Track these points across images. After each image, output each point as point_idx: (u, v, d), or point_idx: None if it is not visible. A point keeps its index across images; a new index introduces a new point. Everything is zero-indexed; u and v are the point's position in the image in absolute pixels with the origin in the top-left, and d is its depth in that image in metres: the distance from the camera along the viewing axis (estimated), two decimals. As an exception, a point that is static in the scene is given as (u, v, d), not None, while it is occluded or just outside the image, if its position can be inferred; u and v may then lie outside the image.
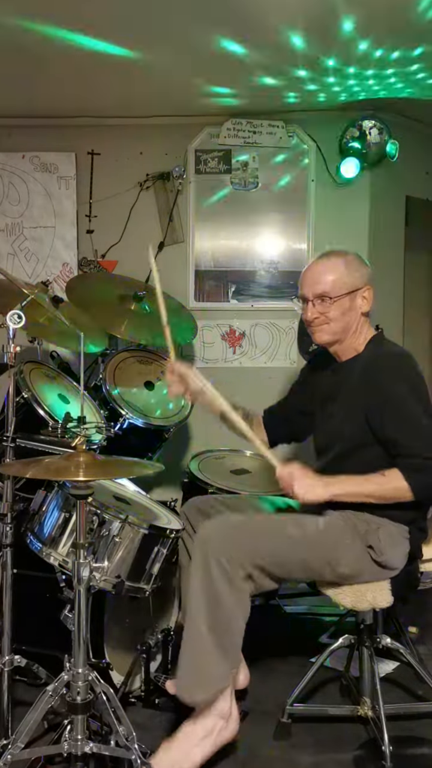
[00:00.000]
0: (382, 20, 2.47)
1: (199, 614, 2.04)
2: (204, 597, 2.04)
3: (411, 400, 2.13)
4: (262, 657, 2.65)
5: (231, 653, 2.07)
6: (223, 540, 2.07)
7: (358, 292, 2.27)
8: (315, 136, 3.57)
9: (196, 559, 2.08)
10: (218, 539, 2.07)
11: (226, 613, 2.05)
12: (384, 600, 2.19)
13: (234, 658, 2.10)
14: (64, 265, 3.68)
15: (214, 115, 3.52)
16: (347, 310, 2.27)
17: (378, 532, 2.17)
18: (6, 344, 2.17)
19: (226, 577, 2.04)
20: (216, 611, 2.04)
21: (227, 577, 2.04)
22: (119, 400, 2.97)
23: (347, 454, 2.25)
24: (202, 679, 2.04)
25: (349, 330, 2.29)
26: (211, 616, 2.04)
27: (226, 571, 2.04)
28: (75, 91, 3.23)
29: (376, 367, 2.21)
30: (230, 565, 2.04)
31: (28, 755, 1.97)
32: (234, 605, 2.05)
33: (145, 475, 1.99)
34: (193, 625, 2.06)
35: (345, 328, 2.29)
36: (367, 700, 2.32)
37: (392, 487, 2.10)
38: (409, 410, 2.12)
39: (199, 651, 2.04)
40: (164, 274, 3.55)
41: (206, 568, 2.05)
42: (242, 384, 3.55)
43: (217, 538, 2.08)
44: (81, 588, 1.87)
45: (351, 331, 2.30)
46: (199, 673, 2.05)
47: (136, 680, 2.45)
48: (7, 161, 3.65)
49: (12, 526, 2.17)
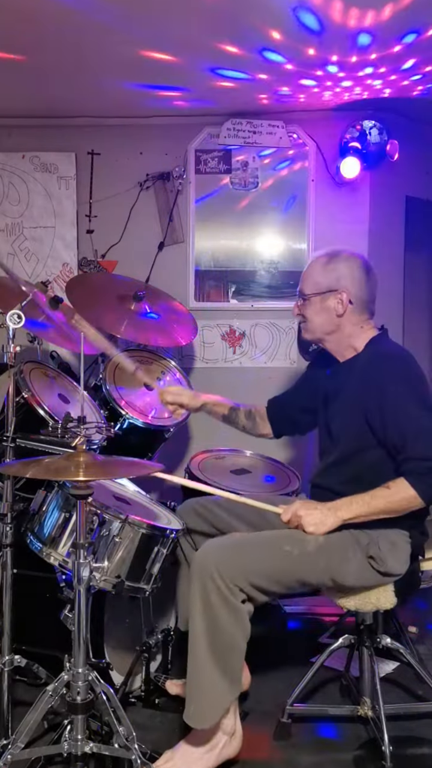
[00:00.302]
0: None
1: (201, 639, 2.05)
2: (203, 622, 2.04)
3: (411, 402, 2.10)
4: (262, 657, 2.64)
5: (233, 675, 2.07)
6: (219, 564, 2.05)
7: (331, 294, 2.25)
8: (315, 136, 3.56)
9: (194, 584, 2.08)
10: (215, 564, 2.05)
11: (226, 637, 2.05)
12: (388, 602, 2.19)
13: (236, 679, 2.09)
14: (64, 265, 3.68)
15: (214, 115, 3.52)
16: (319, 311, 2.28)
17: (378, 542, 2.15)
18: (6, 344, 2.17)
19: (224, 602, 2.03)
20: (216, 635, 2.04)
21: (225, 602, 2.04)
22: (119, 400, 2.97)
23: (349, 455, 2.24)
24: (209, 705, 2.05)
25: (328, 331, 2.29)
26: (211, 640, 2.04)
27: (224, 597, 2.03)
28: (75, 91, 3.23)
29: (375, 367, 2.19)
30: (228, 590, 2.03)
31: (28, 755, 1.97)
32: (234, 629, 2.05)
33: (145, 475, 1.99)
34: (195, 651, 2.06)
35: (322, 328, 2.29)
36: (367, 700, 2.32)
37: (400, 498, 2.07)
38: (410, 412, 2.09)
39: (203, 678, 2.05)
40: (164, 274, 3.60)
41: (204, 593, 2.04)
42: (242, 384, 3.55)
43: (214, 563, 2.06)
44: (81, 588, 1.87)
45: (333, 332, 2.29)
46: (205, 701, 2.05)
47: (136, 680, 2.45)
48: (7, 161, 3.65)
49: (12, 526, 2.17)
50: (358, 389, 2.20)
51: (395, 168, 3.57)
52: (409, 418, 2.09)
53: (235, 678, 2.08)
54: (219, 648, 2.04)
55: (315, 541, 2.13)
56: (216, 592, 2.03)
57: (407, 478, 2.06)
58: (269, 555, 2.13)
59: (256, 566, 2.09)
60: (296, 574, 2.13)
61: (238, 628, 2.06)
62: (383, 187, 3.65)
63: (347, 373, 2.28)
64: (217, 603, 2.03)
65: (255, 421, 2.61)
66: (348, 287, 2.25)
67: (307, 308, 2.30)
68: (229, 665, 2.05)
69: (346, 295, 2.25)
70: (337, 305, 2.26)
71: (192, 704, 2.06)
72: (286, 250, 3.66)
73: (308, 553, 2.11)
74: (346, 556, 2.13)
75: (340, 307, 2.25)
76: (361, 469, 2.20)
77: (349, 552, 2.14)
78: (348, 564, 2.13)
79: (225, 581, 2.03)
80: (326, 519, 2.12)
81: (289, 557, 2.11)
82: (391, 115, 3.53)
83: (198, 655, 2.05)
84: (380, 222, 3.67)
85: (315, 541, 2.13)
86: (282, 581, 2.13)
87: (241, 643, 2.08)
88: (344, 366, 2.32)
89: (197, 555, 2.14)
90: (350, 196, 3.58)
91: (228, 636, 2.05)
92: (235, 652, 2.07)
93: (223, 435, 3.16)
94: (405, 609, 3.10)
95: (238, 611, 2.06)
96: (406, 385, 2.13)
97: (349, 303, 2.25)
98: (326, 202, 3.59)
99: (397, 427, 2.10)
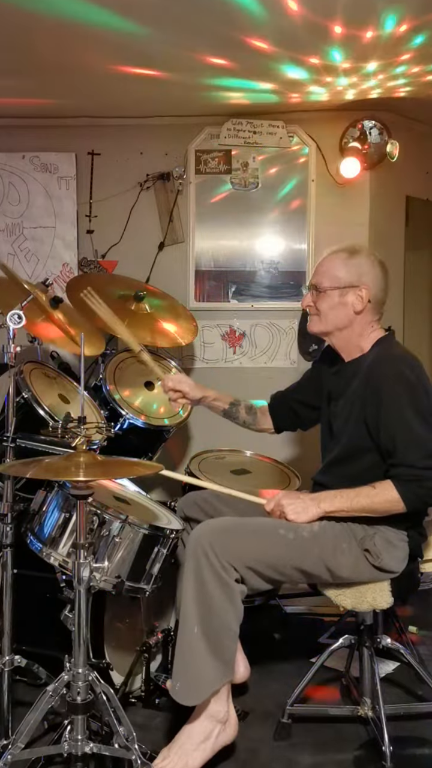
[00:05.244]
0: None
1: (192, 617, 2.04)
2: (195, 599, 2.04)
3: (408, 407, 2.08)
4: (262, 657, 2.65)
5: (225, 656, 2.06)
6: (214, 542, 2.06)
7: (350, 289, 2.23)
8: (315, 136, 3.56)
9: (188, 561, 2.08)
10: (209, 542, 2.06)
11: (218, 616, 2.04)
12: (384, 601, 2.19)
13: (228, 661, 2.08)
14: (64, 265, 3.68)
15: (214, 115, 3.52)
16: (336, 305, 2.25)
17: (374, 538, 2.15)
18: (6, 344, 2.17)
19: (217, 580, 2.04)
20: (208, 614, 2.04)
21: (219, 580, 2.04)
22: (119, 400, 2.97)
23: (349, 455, 2.24)
24: (196, 682, 2.04)
25: (340, 326, 2.27)
26: (203, 618, 2.04)
27: (217, 574, 2.03)
28: (75, 91, 3.23)
29: (377, 370, 2.18)
30: (221, 567, 2.04)
31: (28, 755, 1.97)
32: (226, 608, 2.05)
33: (145, 475, 1.99)
34: (185, 627, 2.06)
35: (335, 323, 2.27)
36: (367, 701, 2.33)
37: (383, 499, 2.08)
38: (405, 417, 2.08)
39: (192, 654, 2.04)
40: (164, 274, 3.60)
41: (197, 570, 2.05)
42: (242, 384, 3.55)
43: (208, 541, 2.06)
44: (81, 588, 1.87)
45: (344, 328, 2.27)
46: (192, 677, 2.04)
47: (137, 680, 2.45)
48: (7, 161, 3.64)
49: (12, 526, 2.17)
50: (360, 390, 2.20)
51: (395, 168, 3.57)
52: (403, 425, 2.08)
53: (227, 660, 2.07)
54: (210, 626, 2.04)
55: (310, 527, 2.15)
56: (209, 568, 2.03)
57: (393, 482, 2.07)
58: (264, 537, 2.14)
59: (250, 547, 2.10)
60: (291, 560, 2.14)
61: (230, 606, 2.05)
62: (383, 187, 3.65)
63: (352, 374, 2.27)
64: (210, 580, 2.03)
65: (256, 416, 2.62)
66: (369, 285, 2.24)
67: (323, 301, 2.27)
68: (220, 645, 2.05)
69: (366, 292, 2.23)
70: (356, 301, 2.23)
71: (178, 680, 2.05)
72: (286, 250, 3.66)
73: (303, 538, 2.13)
74: (341, 546, 2.14)
75: (359, 303, 2.23)
76: (360, 470, 2.20)
77: (343, 543, 2.15)
78: (343, 555, 2.14)
79: (219, 558, 2.04)
80: (308, 508, 2.15)
81: (284, 540, 2.12)
82: (391, 115, 3.53)
83: (187, 631, 2.04)
84: (380, 222, 3.67)
85: (310, 527, 2.15)
86: (276, 566, 2.13)
87: (233, 624, 2.07)
88: (349, 366, 2.31)
89: (192, 533, 2.14)
90: (350, 196, 3.58)
91: (220, 614, 2.04)
92: (227, 632, 2.06)
93: (223, 435, 3.17)
94: (405, 609, 3.11)
95: (231, 590, 2.05)
96: (405, 391, 2.11)
97: (368, 301, 2.24)
98: (326, 202, 3.59)
99: (390, 431, 2.10)
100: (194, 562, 2.06)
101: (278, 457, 3.23)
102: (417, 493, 2.06)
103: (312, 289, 2.31)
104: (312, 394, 2.49)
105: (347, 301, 2.24)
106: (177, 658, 2.09)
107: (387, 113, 3.50)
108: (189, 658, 2.05)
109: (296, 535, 2.13)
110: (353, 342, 2.29)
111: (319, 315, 2.29)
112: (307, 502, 2.17)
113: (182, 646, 2.07)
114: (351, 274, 2.24)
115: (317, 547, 2.14)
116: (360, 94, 3.23)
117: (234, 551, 2.07)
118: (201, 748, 2.05)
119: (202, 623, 2.03)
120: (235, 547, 2.08)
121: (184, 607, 2.07)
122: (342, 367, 2.34)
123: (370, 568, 2.16)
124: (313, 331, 2.35)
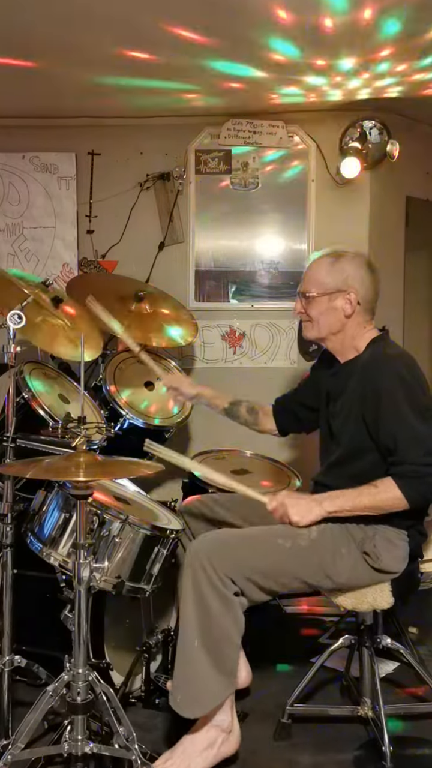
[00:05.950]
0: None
1: (191, 630, 2.04)
2: (195, 613, 2.04)
3: (406, 405, 2.09)
4: (262, 657, 2.65)
5: (227, 668, 2.06)
6: (212, 556, 2.05)
7: (338, 294, 2.24)
8: (315, 136, 3.56)
9: (186, 575, 2.08)
10: (207, 555, 2.05)
11: (218, 629, 2.04)
12: (385, 601, 2.19)
13: (230, 673, 2.08)
14: (64, 265, 3.68)
15: (214, 115, 3.52)
16: (325, 311, 2.27)
17: (374, 539, 2.15)
18: (6, 344, 2.17)
19: (216, 593, 2.03)
20: (208, 627, 2.03)
21: (217, 593, 2.03)
22: (119, 400, 2.97)
23: (349, 455, 2.24)
24: (198, 695, 2.04)
25: (334, 330, 2.28)
26: (203, 631, 2.03)
27: (215, 588, 2.03)
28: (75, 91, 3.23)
29: (373, 369, 2.18)
30: (220, 581, 2.03)
31: (28, 755, 1.97)
32: (226, 621, 2.04)
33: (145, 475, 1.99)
34: (185, 641, 2.05)
35: (328, 328, 2.28)
36: (368, 701, 2.33)
37: (385, 497, 2.08)
38: (404, 416, 2.08)
39: (193, 668, 2.04)
40: (164, 274, 3.60)
41: (196, 584, 2.04)
42: (242, 384, 3.55)
43: (206, 555, 2.06)
44: (81, 588, 1.87)
45: (338, 332, 2.28)
46: (194, 690, 2.04)
47: (137, 680, 2.46)
48: (7, 161, 3.64)
49: (12, 526, 2.17)
50: (357, 390, 2.20)
51: (395, 168, 3.57)
52: (402, 423, 2.08)
53: (229, 671, 2.07)
54: (210, 639, 2.03)
55: (308, 535, 2.14)
56: (207, 582, 2.03)
57: (395, 480, 2.07)
58: (262, 548, 2.13)
59: (249, 559, 2.10)
60: (290, 570, 2.13)
61: (230, 619, 2.05)
62: (383, 187, 3.65)
63: (348, 374, 2.27)
64: (209, 593, 2.03)
65: (257, 416, 2.62)
66: (356, 288, 2.25)
67: (313, 308, 2.29)
68: (221, 657, 2.04)
69: (354, 295, 2.24)
70: (345, 305, 2.25)
71: (179, 693, 2.05)
72: (286, 250, 3.66)
73: (301, 547, 2.12)
74: (340, 551, 2.14)
75: (349, 307, 2.25)
76: (361, 470, 2.19)
77: (342, 548, 2.14)
78: (342, 560, 2.13)
79: (217, 572, 2.03)
80: (311, 509, 2.14)
81: (282, 550, 2.11)
82: (391, 115, 3.53)
83: (187, 644, 2.04)
84: (380, 222, 3.67)
85: (308, 535, 2.14)
86: (276, 577, 2.12)
87: (234, 635, 2.07)
88: (345, 367, 2.32)
89: (191, 546, 2.14)
90: (350, 196, 3.58)
91: (220, 627, 2.04)
92: (228, 643, 2.05)
93: (223, 435, 3.16)
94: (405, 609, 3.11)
95: (230, 603, 2.05)
96: (402, 389, 2.11)
97: (357, 304, 2.25)
98: (326, 202, 3.59)
99: (390, 430, 2.10)
100: (192, 575, 2.05)
101: (278, 458, 3.23)
102: (419, 489, 2.07)
103: (301, 297, 2.32)
104: (312, 396, 2.50)
105: (337, 305, 2.26)
106: (177, 670, 2.08)
107: (387, 113, 3.49)
108: (190, 672, 2.04)
109: (294, 543, 2.12)
110: (348, 344, 2.30)
111: (312, 321, 2.31)
112: (310, 503, 2.16)
113: (182, 660, 2.06)
114: (337, 280, 2.25)
115: (316, 556, 2.13)
116: (348, 94, 3.21)
117: (232, 564, 2.06)
118: (203, 756, 2.06)
119: (203, 636, 2.03)
120: (234, 560, 2.07)
121: (184, 620, 2.07)
122: (339, 368, 2.34)
123: (369, 571, 2.15)
124: (308, 338, 2.38)
